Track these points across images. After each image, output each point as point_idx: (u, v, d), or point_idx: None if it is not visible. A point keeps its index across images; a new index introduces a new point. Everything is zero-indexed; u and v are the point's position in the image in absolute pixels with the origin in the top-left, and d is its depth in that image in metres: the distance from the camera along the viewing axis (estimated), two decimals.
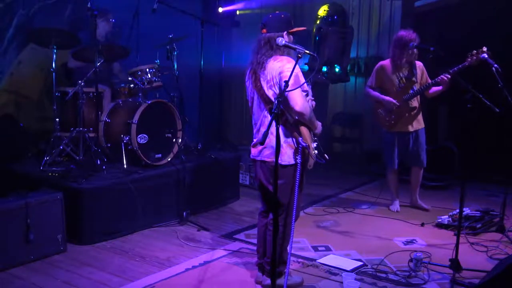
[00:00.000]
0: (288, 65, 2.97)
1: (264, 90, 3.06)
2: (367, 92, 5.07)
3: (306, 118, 3.01)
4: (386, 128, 5.04)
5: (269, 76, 3.03)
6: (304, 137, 3.02)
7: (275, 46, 3.04)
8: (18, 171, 4.70)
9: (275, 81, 3.02)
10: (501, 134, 5.73)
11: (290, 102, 2.93)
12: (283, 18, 3.15)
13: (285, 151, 3.08)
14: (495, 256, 3.96)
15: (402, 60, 4.83)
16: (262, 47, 3.10)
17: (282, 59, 3.04)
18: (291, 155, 3.08)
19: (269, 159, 3.12)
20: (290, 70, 2.88)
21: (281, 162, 3.04)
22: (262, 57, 3.08)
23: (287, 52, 3.08)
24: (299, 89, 2.94)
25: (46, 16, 5.52)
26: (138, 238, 4.33)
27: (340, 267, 3.70)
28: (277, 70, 3.00)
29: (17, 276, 3.50)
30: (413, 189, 5.32)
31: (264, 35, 3.11)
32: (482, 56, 4.14)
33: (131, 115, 4.68)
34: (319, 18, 7.36)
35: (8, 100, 5.39)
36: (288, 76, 2.85)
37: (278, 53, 3.07)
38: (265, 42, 3.09)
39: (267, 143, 3.04)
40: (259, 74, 3.08)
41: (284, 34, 3.09)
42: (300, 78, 2.99)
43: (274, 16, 3.16)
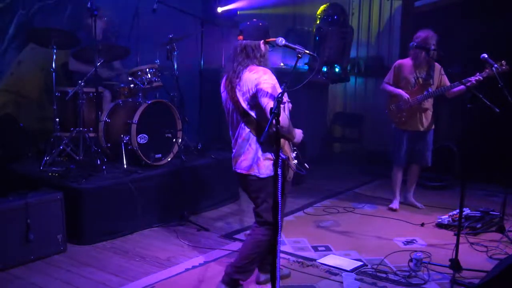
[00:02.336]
0: (264, 77, 2.90)
1: (240, 102, 2.97)
2: (383, 88, 5.08)
3: (284, 130, 2.89)
4: (396, 124, 5.05)
5: (245, 87, 2.94)
6: (283, 149, 2.95)
7: (252, 54, 2.98)
8: (18, 171, 4.69)
9: (251, 94, 2.92)
10: (501, 134, 5.73)
11: (268, 114, 2.80)
12: (261, 26, 3.06)
13: (263, 163, 3.01)
14: (495, 256, 3.96)
15: (420, 60, 4.85)
16: (238, 55, 3.01)
17: (258, 70, 2.95)
18: (270, 167, 2.99)
19: (246, 172, 3.05)
20: (267, 81, 2.84)
21: (259, 175, 3.01)
22: (238, 66, 2.99)
23: (264, 62, 3.02)
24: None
25: (46, 16, 5.52)
26: (138, 238, 4.33)
27: (340, 267, 3.70)
28: (253, 82, 2.91)
29: (17, 276, 3.50)
30: (409, 186, 5.35)
31: (240, 42, 3.02)
32: (482, 56, 4.14)
33: (131, 115, 4.68)
34: (319, 18, 7.36)
35: (8, 100, 5.38)
36: (265, 87, 2.82)
37: (255, 62, 2.99)
38: (241, 49, 3.00)
39: (245, 154, 3.01)
40: (235, 85, 2.99)
41: (260, 43, 3.01)
42: (277, 90, 2.90)
43: (252, 23, 3.08)
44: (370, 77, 8.00)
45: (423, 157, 5.07)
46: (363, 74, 8.13)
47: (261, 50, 3.02)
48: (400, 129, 5.03)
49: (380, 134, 7.31)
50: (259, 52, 3.01)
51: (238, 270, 3.13)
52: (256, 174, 3.02)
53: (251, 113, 2.97)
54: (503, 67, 4.26)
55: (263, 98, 2.85)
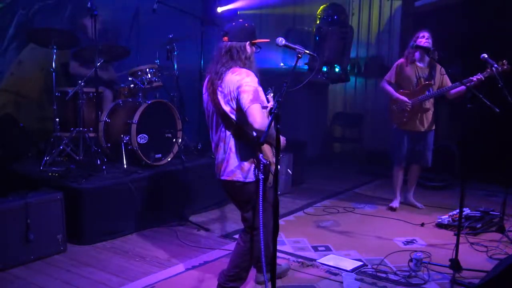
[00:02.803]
0: (246, 79, 2.81)
1: (221, 105, 2.88)
2: (383, 86, 5.08)
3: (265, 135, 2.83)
4: (398, 125, 5.05)
5: (227, 90, 2.86)
6: (265, 154, 2.89)
7: (236, 56, 2.90)
8: (18, 171, 4.70)
9: (232, 96, 2.84)
10: (501, 134, 5.73)
11: (249, 118, 2.74)
12: (247, 27, 2.97)
13: (246, 167, 2.92)
14: (495, 256, 3.96)
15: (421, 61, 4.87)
16: (223, 56, 2.92)
17: (241, 72, 2.86)
18: (253, 172, 2.92)
19: (230, 178, 2.95)
20: (249, 84, 2.79)
21: (244, 179, 2.92)
22: (221, 67, 2.90)
23: (249, 64, 2.94)
24: (259, 105, 2.77)
25: (46, 16, 5.52)
26: (138, 238, 4.33)
27: (340, 267, 3.70)
28: (235, 84, 2.82)
29: (17, 276, 3.50)
30: (409, 186, 5.36)
31: (225, 44, 2.93)
32: (482, 56, 4.14)
33: (131, 115, 4.68)
34: (319, 18, 7.36)
35: (8, 100, 5.39)
36: (247, 89, 2.77)
37: (239, 64, 2.91)
38: (226, 51, 2.92)
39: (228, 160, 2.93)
40: (217, 87, 2.90)
41: (246, 45, 2.93)
42: (260, 94, 2.83)
43: (237, 24, 2.98)
44: (370, 77, 8.00)
45: (424, 157, 5.08)
46: (363, 74, 8.13)
47: (246, 52, 2.94)
48: (401, 129, 5.04)
49: (380, 134, 7.32)
50: (245, 54, 2.93)
51: (230, 278, 3.10)
52: (240, 179, 2.93)
53: (232, 116, 2.89)
54: (505, 66, 4.26)
55: (244, 102, 2.76)
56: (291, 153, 5.95)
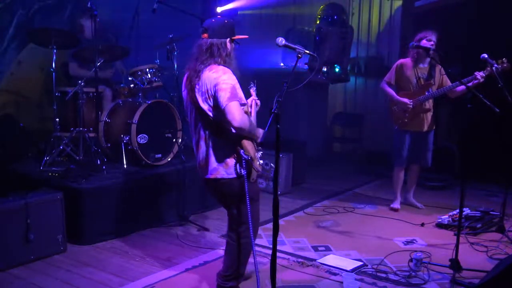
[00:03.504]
0: (224, 77, 2.81)
1: (199, 102, 2.88)
2: (383, 87, 5.08)
3: (245, 132, 2.84)
4: (398, 126, 5.05)
5: (204, 88, 2.85)
6: (246, 150, 2.87)
7: (217, 53, 2.89)
8: (18, 171, 4.70)
9: (210, 94, 2.83)
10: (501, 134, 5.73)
11: (228, 116, 2.74)
12: (227, 23, 2.96)
13: (229, 164, 2.92)
14: (495, 256, 3.96)
15: (421, 61, 4.86)
16: (203, 54, 2.90)
17: (218, 69, 2.85)
18: (235, 168, 2.92)
19: (213, 176, 2.95)
20: (226, 82, 2.78)
21: (228, 176, 2.92)
22: (200, 65, 2.89)
23: (229, 61, 2.93)
24: (237, 102, 2.77)
25: (46, 16, 5.52)
26: (138, 238, 4.33)
27: (340, 267, 3.70)
28: (212, 82, 2.81)
29: (17, 276, 3.50)
30: (410, 186, 5.37)
31: (205, 41, 2.91)
32: (482, 56, 4.14)
33: (131, 115, 4.68)
34: (319, 18, 7.36)
35: (8, 100, 5.39)
36: (224, 87, 2.76)
37: (219, 61, 2.89)
38: (206, 48, 2.90)
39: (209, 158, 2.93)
40: (194, 84, 2.89)
41: (227, 41, 2.92)
42: (237, 91, 2.82)
43: (217, 21, 2.96)
44: (370, 77, 8.01)
45: (424, 157, 5.08)
46: (363, 74, 8.13)
47: (227, 49, 2.93)
48: (402, 130, 5.03)
49: (380, 134, 7.32)
50: (225, 51, 2.92)
51: (228, 278, 3.10)
52: (224, 177, 2.93)
53: (210, 114, 2.88)
54: (504, 64, 4.26)
55: (222, 100, 2.75)
56: (291, 153, 5.95)
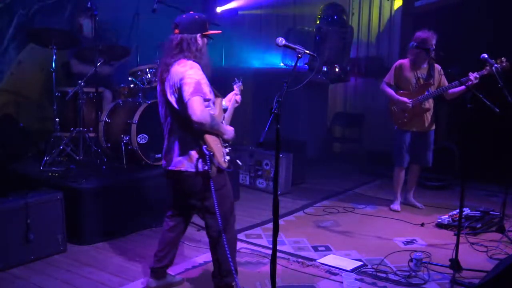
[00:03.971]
0: (190, 72, 2.83)
1: (168, 96, 2.91)
2: (383, 88, 5.08)
3: (206, 127, 2.84)
4: (398, 126, 5.05)
5: (172, 81, 2.88)
6: (209, 145, 2.88)
7: (186, 48, 2.91)
8: (18, 171, 4.69)
9: (176, 87, 2.86)
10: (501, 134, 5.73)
11: (188, 110, 2.76)
12: (198, 19, 2.97)
13: (193, 158, 2.93)
14: (495, 256, 3.96)
15: (420, 61, 4.86)
16: (173, 48, 2.93)
17: (186, 64, 2.87)
18: (196, 163, 2.92)
19: (177, 168, 2.96)
20: (191, 77, 2.79)
21: (191, 169, 2.92)
22: (170, 59, 2.92)
23: (199, 56, 2.94)
24: (199, 98, 2.77)
25: (46, 16, 5.53)
26: (138, 238, 4.33)
27: (340, 267, 3.70)
28: (179, 76, 2.84)
29: (17, 276, 3.50)
30: (410, 186, 5.37)
31: (176, 36, 2.94)
32: (482, 56, 4.14)
33: (131, 115, 4.68)
34: (319, 18, 7.36)
35: (8, 100, 5.39)
36: (189, 82, 2.78)
37: (189, 56, 2.91)
38: (177, 43, 2.92)
39: (174, 150, 2.96)
40: (164, 78, 2.93)
41: (197, 37, 2.93)
42: (202, 86, 2.82)
43: (188, 16, 2.98)
44: (370, 77, 8.01)
45: (424, 157, 5.08)
46: (363, 74, 8.13)
47: (197, 44, 2.94)
48: (402, 130, 5.04)
49: (380, 134, 7.33)
50: (195, 46, 2.93)
51: (221, 275, 3.09)
52: (188, 169, 2.93)
53: (177, 107, 2.90)
54: (503, 64, 4.26)
55: (185, 94, 2.78)
56: (291, 153, 5.95)
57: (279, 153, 2.64)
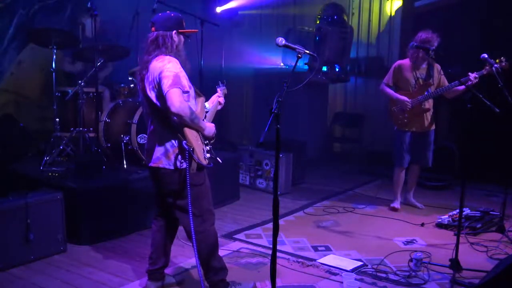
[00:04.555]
0: (168, 65, 2.84)
1: (147, 92, 2.92)
2: (382, 89, 5.09)
3: (185, 119, 2.82)
4: (398, 126, 5.05)
5: (151, 77, 2.89)
6: (188, 140, 2.86)
7: (162, 44, 2.94)
8: (18, 171, 4.69)
9: (156, 82, 2.87)
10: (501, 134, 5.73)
11: (167, 102, 2.77)
12: (172, 17, 3.03)
13: (172, 154, 2.93)
14: (495, 256, 3.96)
15: (420, 61, 4.86)
16: (150, 45, 2.96)
17: (164, 58, 2.90)
18: (179, 159, 2.93)
19: (155, 164, 2.97)
20: (170, 70, 2.81)
21: (169, 166, 2.93)
22: (148, 56, 2.95)
23: (176, 52, 2.97)
24: (178, 89, 2.78)
25: (46, 16, 5.53)
26: (138, 238, 4.33)
27: (340, 267, 3.70)
28: (157, 71, 2.86)
29: (17, 276, 3.50)
30: (410, 186, 5.37)
31: (152, 33, 2.98)
32: (482, 56, 4.14)
33: (131, 115, 4.68)
34: (319, 18, 7.36)
35: (8, 100, 5.39)
36: (167, 75, 2.79)
37: (165, 52, 2.94)
38: (152, 40, 2.96)
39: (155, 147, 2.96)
40: (144, 75, 2.94)
41: (173, 33, 2.97)
42: (181, 79, 2.84)
43: (163, 14, 3.04)
44: (370, 77, 8.01)
45: (424, 157, 5.08)
46: (363, 74, 8.13)
47: (173, 40, 2.97)
48: (402, 130, 5.04)
49: (380, 134, 7.33)
50: (171, 42, 2.96)
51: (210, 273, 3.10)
52: (165, 166, 2.94)
53: (157, 103, 2.91)
54: (503, 63, 4.26)
55: (164, 87, 2.78)
56: (291, 153, 5.95)
57: (279, 153, 2.64)
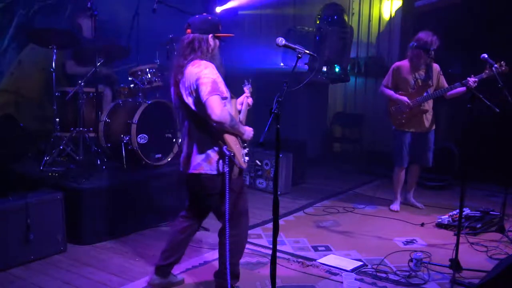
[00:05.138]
0: (205, 71, 2.82)
1: (184, 97, 2.89)
2: (382, 91, 5.09)
3: (226, 126, 2.83)
4: (397, 127, 5.06)
5: (187, 82, 2.86)
6: (229, 146, 2.86)
7: (198, 48, 2.90)
8: (18, 171, 4.69)
9: (192, 88, 2.84)
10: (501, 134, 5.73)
11: (207, 110, 2.76)
12: (210, 20, 2.98)
13: (213, 159, 2.92)
14: (495, 256, 3.96)
15: (417, 61, 4.85)
16: (185, 49, 2.92)
17: (200, 64, 2.87)
18: (216, 164, 2.92)
19: (197, 171, 2.95)
20: (207, 76, 2.79)
21: (211, 172, 2.92)
22: (183, 60, 2.91)
23: (211, 56, 2.94)
24: (218, 96, 2.78)
25: (46, 16, 5.53)
26: (138, 238, 4.33)
27: (340, 267, 3.70)
28: (194, 77, 2.83)
29: (17, 276, 3.50)
30: (409, 187, 5.37)
31: (188, 35, 2.94)
32: (482, 56, 4.14)
33: (131, 115, 4.68)
34: (319, 18, 7.36)
35: (8, 100, 5.39)
36: (205, 81, 2.77)
37: (201, 56, 2.90)
38: (188, 42, 2.92)
39: (194, 153, 2.93)
40: (179, 80, 2.91)
41: (209, 37, 2.93)
42: (219, 85, 2.82)
43: (200, 17, 2.99)
44: (370, 77, 8.01)
45: (424, 157, 5.08)
46: (363, 74, 8.13)
47: (209, 44, 2.93)
48: (401, 130, 5.04)
49: (380, 134, 7.32)
50: (206, 46, 2.92)
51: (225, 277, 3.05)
52: (207, 172, 2.92)
53: (194, 109, 2.88)
54: (503, 68, 4.27)
55: (202, 94, 2.77)
56: (291, 153, 5.95)
57: (279, 153, 2.64)
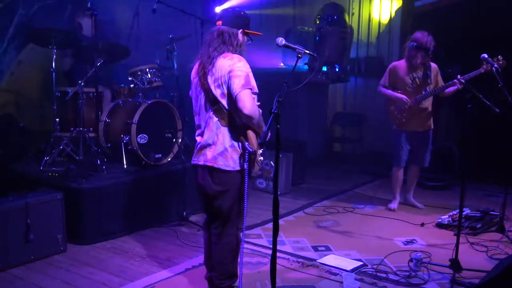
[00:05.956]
0: (238, 64, 2.77)
1: (211, 89, 2.83)
2: (380, 91, 5.11)
3: (254, 122, 2.78)
4: (397, 126, 5.06)
5: (218, 74, 2.81)
6: (251, 142, 2.81)
7: (228, 41, 2.86)
8: (18, 171, 4.70)
9: (223, 80, 2.78)
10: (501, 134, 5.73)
11: (239, 104, 2.71)
12: (242, 15, 2.94)
13: (230, 155, 2.85)
14: (495, 256, 3.96)
15: (417, 61, 4.86)
16: (215, 40, 2.87)
17: (233, 57, 2.82)
18: (237, 160, 2.86)
19: (211, 164, 2.87)
20: (241, 70, 2.76)
21: (225, 167, 2.84)
22: (213, 51, 2.85)
23: (239, 51, 2.89)
24: (249, 91, 2.74)
25: (46, 16, 5.52)
26: (138, 238, 4.33)
27: (340, 267, 3.70)
28: (226, 69, 2.77)
29: (17, 276, 3.50)
30: (409, 187, 5.37)
31: (218, 27, 2.90)
32: (482, 56, 4.15)
33: (131, 115, 4.68)
34: (319, 18, 7.36)
35: (8, 100, 5.39)
36: (239, 75, 2.74)
37: (231, 49, 2.86)
38: (218, 34, 2.87)
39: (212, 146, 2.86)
40: (208, 71, 2.84)
41: (239, 32, 2.89)
42: (251, 80, 2.79)
43: (233, 10, 2.97)
44: (370, 77, 8.00)
45: (421, 157, 5.08)
46: (363, 74, 8.13)
47: (238, 39, 2.90)
48: (400, 130, 5.04)
49: (380, 134, 7.31)
50: (236, 40, 2.89)
51: (223, 277, 3.05)
52: (221, 167, 2.85)
53: (222, 102, 2.82)
54: (500, 62, 4.26)
55: (235, 86, 2.73)
56: (291, 153, 5.95)
57: (279, 153, 2.64)
